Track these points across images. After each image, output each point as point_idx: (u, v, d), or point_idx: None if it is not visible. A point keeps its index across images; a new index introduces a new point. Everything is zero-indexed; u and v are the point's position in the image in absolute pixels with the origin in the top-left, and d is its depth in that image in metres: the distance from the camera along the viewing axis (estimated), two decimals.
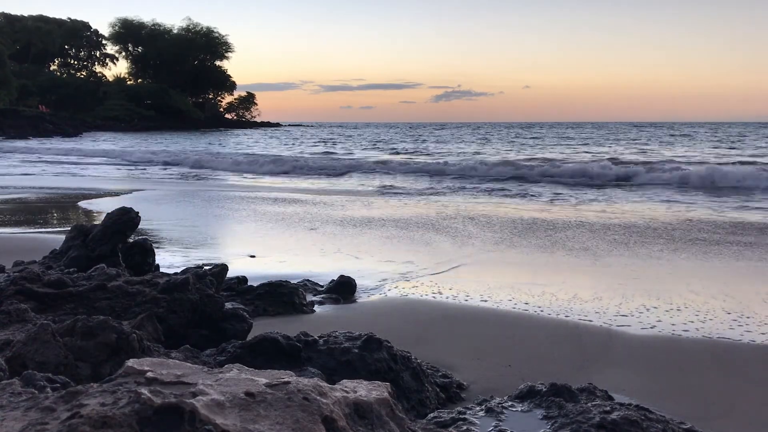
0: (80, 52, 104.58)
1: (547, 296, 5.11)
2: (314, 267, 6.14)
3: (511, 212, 11.02)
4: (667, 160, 21.21)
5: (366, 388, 1.97)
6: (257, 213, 10.67)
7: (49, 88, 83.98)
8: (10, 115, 62.59)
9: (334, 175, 20.46)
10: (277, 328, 3.33)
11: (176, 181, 18.69)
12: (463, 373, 3.44)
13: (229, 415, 1.62)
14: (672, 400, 3.14)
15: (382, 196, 14.01)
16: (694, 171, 16.88)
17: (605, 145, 37.54)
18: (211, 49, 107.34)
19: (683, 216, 10.31)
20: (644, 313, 4.67)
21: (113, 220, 4.55)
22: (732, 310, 4.73)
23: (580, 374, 3.42)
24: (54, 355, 2.46)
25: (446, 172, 20.03)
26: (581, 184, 16.55)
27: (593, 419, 2.43)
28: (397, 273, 5.95)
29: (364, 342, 3.05)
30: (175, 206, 11.70)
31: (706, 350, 3.91)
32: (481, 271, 6.10)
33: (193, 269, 4.52)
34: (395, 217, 10.28)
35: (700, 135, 54.19)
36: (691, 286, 5.49)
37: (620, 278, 5.79)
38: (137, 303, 3.55)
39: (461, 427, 2.58)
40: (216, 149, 35.39)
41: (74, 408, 1.60)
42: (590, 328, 4.33)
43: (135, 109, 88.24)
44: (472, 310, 4.72)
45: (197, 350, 2.98)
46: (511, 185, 16.25)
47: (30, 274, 3.65)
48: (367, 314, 4.62)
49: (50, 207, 11.72)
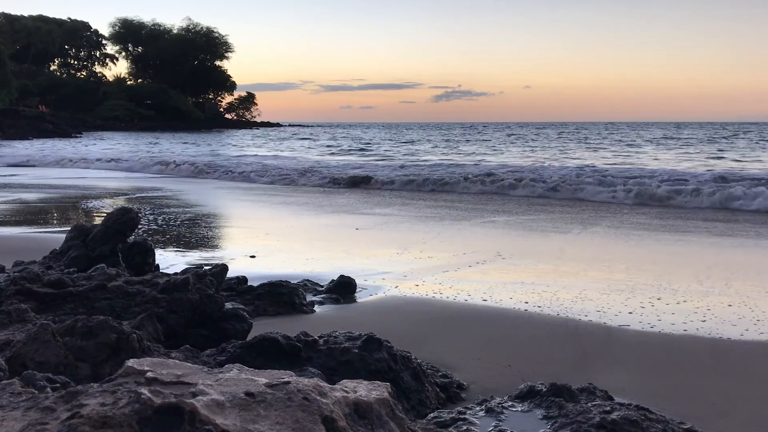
0: (80, 52, 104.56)
1: (547, 296, 5.11)
2: (314, 267, 6.14)
3: (513, 213, 11.03)
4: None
5: (366, 388, 1.97)
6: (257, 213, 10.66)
7: (49, 88, 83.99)
8: (10, 115, 62.55)
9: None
10: (277, 328, 3.33)
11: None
12: (463, 373, 3.44)
13: (229, 415, 1.62)
14: (672, 400, 3.14)
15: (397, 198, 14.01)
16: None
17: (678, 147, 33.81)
18: (211, 49, 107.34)
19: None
20: (644, 313, 4.67)
21: (113, 220, 4.55)
22: (734, 307, 4.73)
23: (580, 374, 3.41)
24: (54, 355, 2.46)
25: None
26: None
27: (593, 419, 2.43)
28: (397, 273, 5.94)
29: (364, 342, 3.05)
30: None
31: (706, 350, 3.91)
32: (481, 271, 6.09)
33: (193, 269, 4.53)
34: (396, 218, 10.29)
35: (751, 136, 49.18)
36: (692, 285, 5.49)
37: (621, 278, 5.79)
38: (137, 303, 3.55)
39: (461, 427, 2.58)
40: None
41: (74, 408, 1.60)
42: (590, 328, 4.32)
43: (135, 109, 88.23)
44: (472, 310, 4.72)
45: (197, 350, 2.98)
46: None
47: (30, 274, 3.65)
48: (367, 314, 4.61)
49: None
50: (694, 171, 17.30)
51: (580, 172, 17.01)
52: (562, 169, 17.99)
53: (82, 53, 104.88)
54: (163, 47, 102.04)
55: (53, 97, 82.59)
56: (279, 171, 19.50)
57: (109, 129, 75.36)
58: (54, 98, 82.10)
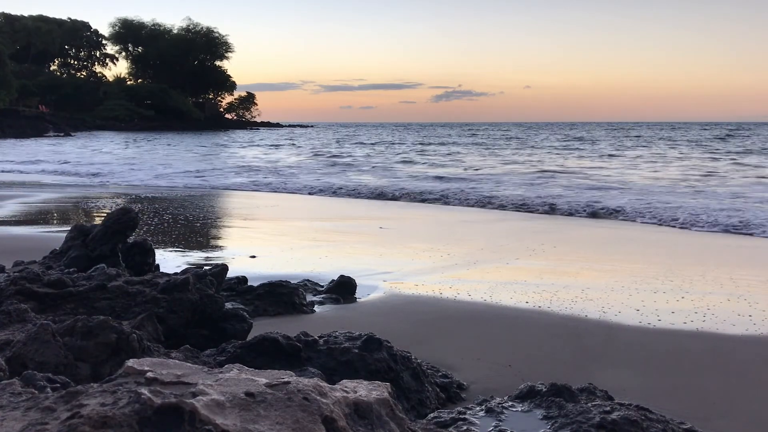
0: (80, 52, 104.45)
1: (547, 296, 5.11)
2: (314, 267, 6.13)
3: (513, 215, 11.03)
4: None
5: (366, 388, 1.97)
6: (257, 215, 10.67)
7: (49, 88, 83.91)
8: (10, 115, 62.54)
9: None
10: (277, 328, 3.33)
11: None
12: (463, 373, 3.44)
13: (229, 415, 1.62)
14: (672, 400, 3.14)
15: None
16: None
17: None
18: (211, 49, 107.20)
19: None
20: (644, 313, 4.67)
21: (113, 220, 4.55)
22: (735, 306, 4.74)
23: (580, 374, 3.41)
24: (54, 355, 2.46)
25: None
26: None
27: (593, 419, 2.43)
28: (398, 273, 5.94)
29: (364, 342, 3.05)
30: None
31: (706, 349, 3.91)
32: (481, 271, 6.09)
33: (193, 269, 4.52)
34: (396, 219, 10.29)
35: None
36: (691, 283, 5.49)
37: (620, 279, 5.79)
38: (137, 303, 3.55)
39: (461, 427, 2.58)
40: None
41: (74, 408, 1.59)
42: (590, 327, 4.32)
43: (135, 109, 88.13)
44: (472, 310, 4.72)
45: (197, 350, 2.98)
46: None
47: (30, 274, 3.65)
48: (367, 314, 4.61)
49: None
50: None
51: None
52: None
53: (82, 53, 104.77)
54: (163, 47, 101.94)
55: (53, 97, 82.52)
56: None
57: (109, 129, 75.27)
58: (54, 98, 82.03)
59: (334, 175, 19.41)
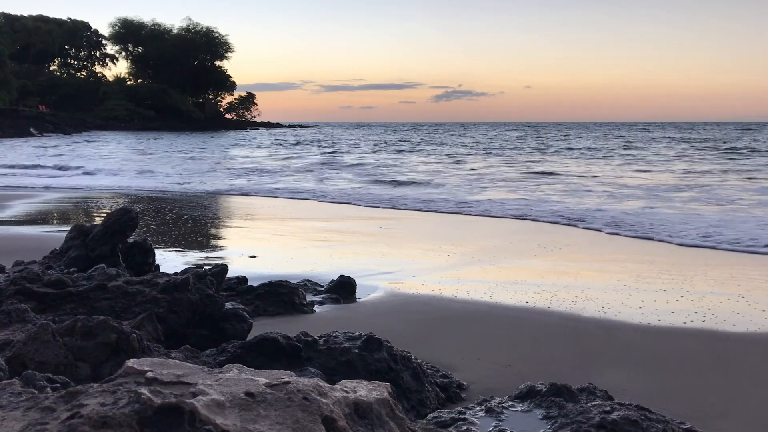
0: (80, 52, 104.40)
1: (547, 296, 5.11)
2: (314, 267, 6.13)
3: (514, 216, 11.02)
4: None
5: (366, 388, 1.97)
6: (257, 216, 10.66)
7: (49, 88, 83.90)
8: (10, 115, 62.51)
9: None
10: (277, 328, 3.33)
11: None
12: (463, 373, 3.44)
13: (229, 415, 1.62)
14: (672, 400, 3.14)
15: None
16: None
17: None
18: (211, 49, 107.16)
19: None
20: (644, 313, 4.67)
21: (113, 220, 4.55)
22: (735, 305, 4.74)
23: (580, 374, 3.41)
24: (54, 355, 2.46)
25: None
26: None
27: (593, 419, 2.43)
28: (398, 273, 5.94)
29: (364, 342, 3.05)
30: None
31: (706, 349, 3.91)
32: (480, 271, 6.09)
33: (193, 269, 4.52)
34: (397, 219, 10.29)
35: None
36: (692, 283, 5.49)
37: (621, 279, 5.79)
38: (137, 303, 3.55)
39: (461, 427, 2.58)
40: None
41: (74, 408, 1.59)
42: (590, 327, 4.32)
43: (135, 109, 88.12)
44: (472, 310, 4.72)
45: (197, 350, 2.98)
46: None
47: (30, 274, 3.65)
48: (367, 314, 4.61)
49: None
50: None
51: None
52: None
53: (82, 53, 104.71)
54: (163, 47, 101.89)
55: (53, 97, 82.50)
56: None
57: (109, 129, 75.24)
58: (54, 98, 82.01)
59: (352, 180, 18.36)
